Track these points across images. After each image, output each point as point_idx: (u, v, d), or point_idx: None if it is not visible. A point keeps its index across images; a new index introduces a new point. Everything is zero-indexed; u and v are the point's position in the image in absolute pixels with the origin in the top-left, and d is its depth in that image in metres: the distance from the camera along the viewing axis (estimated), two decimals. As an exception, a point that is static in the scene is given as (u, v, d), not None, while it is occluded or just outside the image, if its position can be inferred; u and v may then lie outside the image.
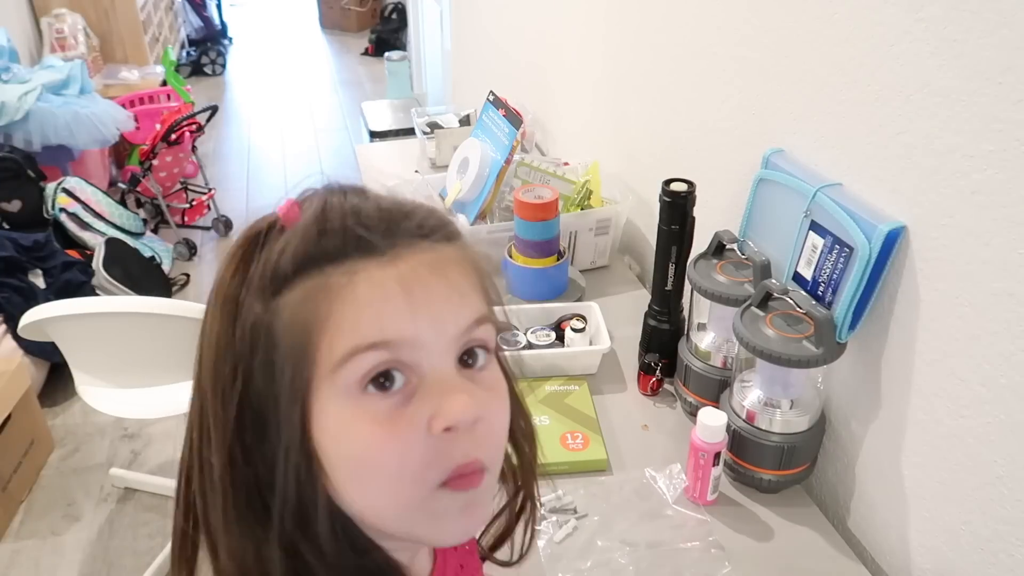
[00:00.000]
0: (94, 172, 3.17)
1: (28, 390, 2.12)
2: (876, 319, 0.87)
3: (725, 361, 1.03)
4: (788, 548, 0.90)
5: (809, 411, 0.92)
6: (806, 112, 0.95)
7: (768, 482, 0.94)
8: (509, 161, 1.38)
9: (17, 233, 2.46)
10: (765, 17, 1.01)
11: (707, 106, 1.19)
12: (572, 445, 1.01)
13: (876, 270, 0.83)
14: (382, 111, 3.39)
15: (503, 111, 1.42)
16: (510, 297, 1.29)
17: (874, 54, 0.82)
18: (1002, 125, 0.68)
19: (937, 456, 0.81)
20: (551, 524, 0.92)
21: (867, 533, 0.95)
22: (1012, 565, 0.74)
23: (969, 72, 0.70)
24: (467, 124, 2.02)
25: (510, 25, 2.26)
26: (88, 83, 3.22)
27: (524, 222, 1.24)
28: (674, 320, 1.13)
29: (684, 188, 1.04)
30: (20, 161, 2.67)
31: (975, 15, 0.69)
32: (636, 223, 1.52)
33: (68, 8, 3.85)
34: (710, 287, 0.99)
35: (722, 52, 1.12)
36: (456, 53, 3.24)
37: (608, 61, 1.56)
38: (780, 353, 0.85)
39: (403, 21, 5.68)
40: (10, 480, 2.04)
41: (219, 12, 5.93)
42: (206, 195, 3.31)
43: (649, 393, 1.13)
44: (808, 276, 0.92)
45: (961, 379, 0.77)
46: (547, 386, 1.12)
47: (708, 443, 0.90)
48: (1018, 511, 0.72)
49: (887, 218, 0.81)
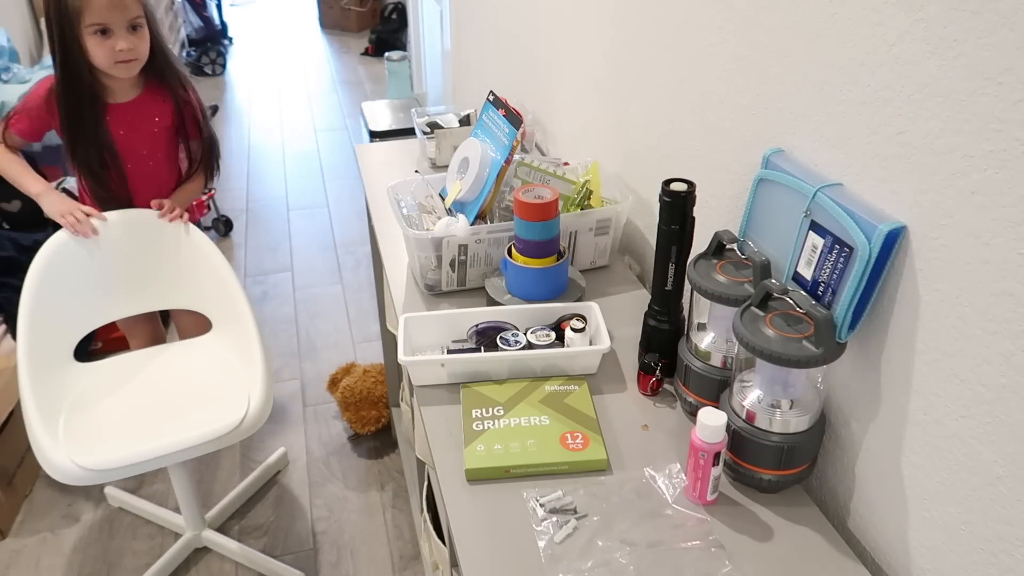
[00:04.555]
0: (94, 172, 3.17)
1: (28, 389, 2.12)
2: (876, 319, 0.87)
3: (725, 361, 1.03)
4: (788, 548, 0.90)
5: (809, 411, 0.92)
6: (806, 112, 0.95)
7: (768, 482, 0.94)
8: (509, 161, 1.38)
9: (17, 233, 2.46)
10: (765, 17, 1.01)
11: (707, 106, 1.19)
12: (572, 445, 1.01)
13: (876, 270, 0.83)
14: (382, 111, 3.39)
15: (503, 111, 1.42)
16: (510, 297, 1.29)
17: (874, 54, 0.82)
18: (1002, 125, 0.68)
19: (937, 456, 0.82)
20: (551, 524, 0.92)
21: (867, 533, 0.95)
22: (1012, 565, 0.74)
23: (969, 72, 0.70)
24: (467, 124, 2.02)
25: (510, 25, 2.26)
26: (88, 83, 3.21)
27: (524, 222, 1.24)
28: (674, 320, 1.13)
29: (684, 188, 1.04)
30: (20, 161, 2.66)
31: (975, 15, 0.69)
32: (636, 223, 1.52)
33: (68, 8, 3.85)
34: (710, 287, 0.99)
35: (722, 52, 1.12)
36: (456, 53, 3.24)
37: (608, 61, 1.56)
38: (780, 353, 0.85)
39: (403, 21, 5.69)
40: (14, 475, 2.04)
41: (219, 12, 5.93)
42: (206, 195, 3.31)
43: (649, 393, 1.13)
44: (808, 276, 0.92)
45: (961, 379, 0.77)
46: (547, 386, 1.12)
47: (708, 443, 0.90)
48: (1018, 511, 0.72)
49: (887, 218, 0.81)
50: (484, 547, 0.90)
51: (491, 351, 1.15)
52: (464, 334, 1.22)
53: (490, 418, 1.06)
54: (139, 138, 1.75)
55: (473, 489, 0.98)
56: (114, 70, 1.61)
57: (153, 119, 1.75)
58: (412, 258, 1.40)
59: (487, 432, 1.04)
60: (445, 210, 1.44)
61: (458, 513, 0.95)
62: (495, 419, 1.06)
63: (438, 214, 1.44)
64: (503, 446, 1.01)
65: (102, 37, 1.56)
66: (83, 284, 1.75)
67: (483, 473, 0.99)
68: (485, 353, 1.15)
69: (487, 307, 1.28)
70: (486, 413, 1.07)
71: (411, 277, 1.43)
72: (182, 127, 1.80)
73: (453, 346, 1.20)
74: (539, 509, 0.94)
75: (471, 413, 1.07)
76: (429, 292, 1.38)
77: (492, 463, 0.99)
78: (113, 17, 1.55)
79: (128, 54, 1.59)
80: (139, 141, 1.75)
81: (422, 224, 1.42)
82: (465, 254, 1.33)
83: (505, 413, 1.07)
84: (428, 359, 1.15)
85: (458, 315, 1.23)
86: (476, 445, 1.01)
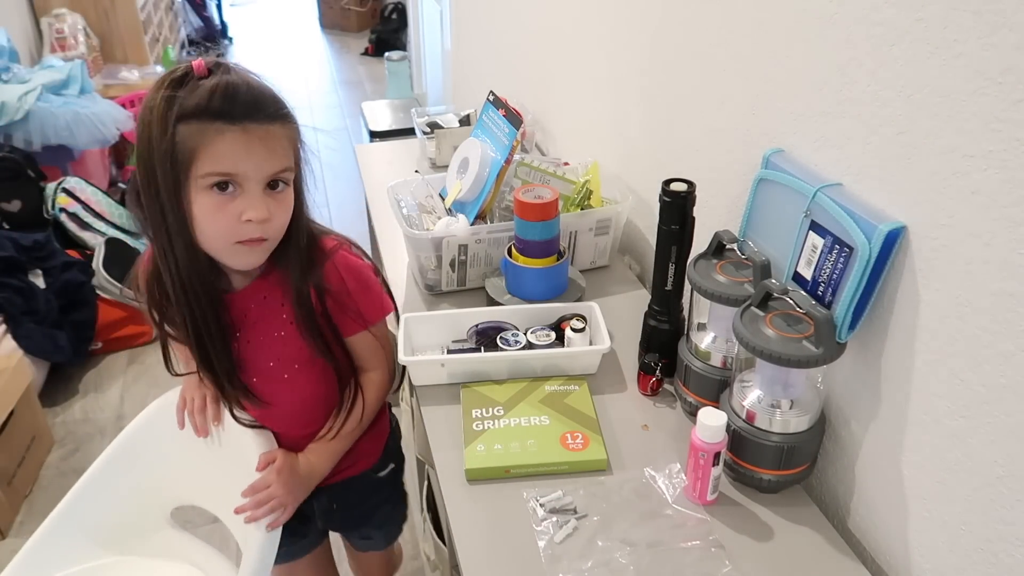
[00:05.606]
0: (94, 172, 3.17)
1: (29, 386, 2.13)
2: (876, 319, 0.87)
3: (725, 361, 1.03)
4: (788, 548, 0.90)
5: (809, 411, 0.92)
6: (806, 112, 0.95)
7: (768, 482, 0.94)
8: (509, 161, 1.38)
9: (17, 233, 2.47)
10: (765, 17, 1.01)
11: (707, 106, 1.19)
12: (572, 445, 1.01)
13: (876, 270, 0.83)
14: (382, 111, 3.39)
15: (503, 111, 1.42)
16: (510, 297, 1.29)
17: (874, 54, 0.82)
18: (1002, 125, 0.68)
19: (937, 456, 0.82)
20: (551, 524, 0.92)
21: (867, 533, 0.95)
22: (1012, 565, 0.74)
23: (969, 72, 0.70)
24: (467, 124, 2.02)
25: (510, 25, 2.26)
26: (88, 83, 3.22)
27: (524, 222, 1.24)
28: (674, 320, 1.13)
29: (684, 188, 1.04)
30: (20, 161, 2.67)
31: (975, 15, 0.69)
32: (636, 223, 1.52)
33: (68, 8, 3.85)
34: (710, 287, 0.99)
35: (722, 52, 1.12)
36: (456, 53, 3.24)
37: (608, 61, 1.56)
38: (780, 353, 0.85)
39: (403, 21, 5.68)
40: (14, 475, 2.04)
41: (219, 12, 5.94)
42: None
43: (649, 393, 1.13)
44: (808, 276, 0.92)
45: (961, 379, 0.77)
46: (547, 386, 1.12)
47: (708, 443, 0.90)
48: (1018, 511, 0.72)
49: (887, 218, 0.81)
50: (484, 547, 0.90)
51: (491, 351, 1.15)
52: (464, 334, 1.22)
53: (490, 418, 1.06)
54: (260, 344, 1.06)
55: (473, 489, 0.98)
56: (229, 253, 0.94)
57: (278, 315, 1.04)
58: (412, 258, 1.40)
59: (487, 432, 1.04)
60: (445, 210, 1.44)
61: (458, 513, 0.95)
62: (495, 419, 1.06)
63: (438, 214, 1.44)
64: (503, 446, 1.01)
65: (221, 195, 0.89)
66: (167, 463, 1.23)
67: (483, 473, 0.99)
68: (485, 353, 1.15)
69: (487, 307, 1.28)
70: (486, 413, 1.07)
71: (411, 277, 1.43)
72: (314, 329, 1.04)
73: (453, 346, 1.20)
74: (539, 509, 0.94)
75: (471, 413, 1.07)
76: (429, 292, 1.38)
77: (492, 463, 0.99)
78: (247, 166, 0.88)
79: (257, 229, 0.91)
80: (260, 348, 1.06)
81: (422, 224, 1.42)
82: (465, 254, 1.33)
83: (505, 413, 1.07)
84: (428, 359, 1.15)
85: (458, 315, 1.23)
86: (476, 445, 1.01)
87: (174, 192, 0.88)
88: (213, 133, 0.86)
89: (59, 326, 2.36)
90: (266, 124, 0.89)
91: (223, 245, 0.93)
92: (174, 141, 0.86)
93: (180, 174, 0.87)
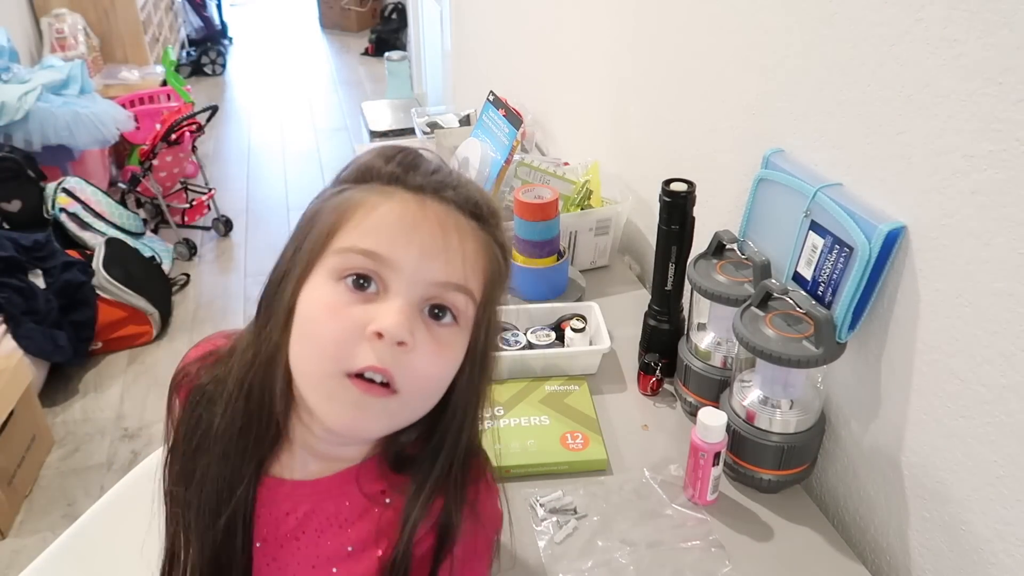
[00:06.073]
0: (94, 172, 3.17)
1: (29, 386, 2.13)
2: (876, 319, 0.87)
3: (725, 361, 1.03)
4: (788, 548, 0.90)
5: (809, 411, 0.92)
6: (806, 112, 0.95)
7: (768, 482, 0.94)
8: (509, 161, 1.39)
9: (17, 233, 2.46)
10: (765, 17, 1.01)
11: (707, 106, 1.19)
12: (572, 445, 1.01)
13: (876, 270, 0.83)
14: (382, 111, 3.39)
15: (503, 111, 1.42)
16: (510, 297, 1.29)
17: (874, 54, 0.82)
18: (1002, 125, 0.68)
19: (937, 456, 0.82)
20: (551, 524, 0.92)
21: (867, 533, 0.95)
22: (1012, 565, 0.74)
23: (969, 72, 0.70)
24: (467, 124, 2.02)
25: (510, 25, 2.26)
26: (88, 83, 3.21)
27: (524, 222, 1.24)
28: (674, 320, 1.13)
29: (684, 188, 1.04)
30: (20, 161, 2.67)
31: (975, 15, 0.69)
32: (636, 223, 1.52)
33: (68, 8, 3.85)
34: (710, 287, 0.99)
35: (722, 52, 1.12)
36: (456, 53, 3.24)
37: (608, 61, 1.56)
38: (780, 353, 0.85)
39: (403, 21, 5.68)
40: (14, 475, 2.04)
41: (219, 12, 5.93)
42: (206, 195, 3.31)
43: (649, 393, 1.13)
44: (808, 276, 0.92)
45: (961, 379, 0.77)
46: (547, 386, 1.12)
47: (708, 443, 0.90)
48: (1018, 511, 0.72)
49: (887, 218, 0.81)
50: (484, 547, 0.90)
51: (491, 351, 1.15)
52: (464, 334, 1.21)
53: (490, 418, 1.06)
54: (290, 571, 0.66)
55: (473, 489, 0.98)
56: (326, 392, 0.56)
57: (342, 540, 0.65)
58: (412, 258, 1.40)
59: (487, 432, 1.03)
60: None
61: (458, 513, 0.95)
62: (495, 419, 1.06)
63: (438, 214, 1.44)
64: (503, 446, 1.01)
65: (352, 292, 0.56)
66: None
67: (483, 473, 0.99)
68: (485, 353, 1.15)
69: (487, 307, 1.28)
70: (486, 413, 1.07)
71: (411, 277, 1.43)
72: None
73: (453, 346, 1.20)
74: (539, 509, 0.94)
75: (471, 413, 1.07)
76: (429, 292, 1.38)
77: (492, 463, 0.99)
78: (405, 252, 0.56)
79: (385, 357, 0.55)
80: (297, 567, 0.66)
81: (422, 224, 1.42)
82: (465, 254, 1.33)
83: (505, 413, 1.07)
84: (428, 359, 1.15)
85: (458, 315, 1.23)
86: (476, 445, 1.01)
87: (297, 274, 0.57)
88: (375, 195, 0.57)
89: (59, 326, 2.36)
90: (456, 211, 0.59)
91: (323, 370, 0.55)
92: (322, 205, 0.59)
93: (314, 248, 0.57)
